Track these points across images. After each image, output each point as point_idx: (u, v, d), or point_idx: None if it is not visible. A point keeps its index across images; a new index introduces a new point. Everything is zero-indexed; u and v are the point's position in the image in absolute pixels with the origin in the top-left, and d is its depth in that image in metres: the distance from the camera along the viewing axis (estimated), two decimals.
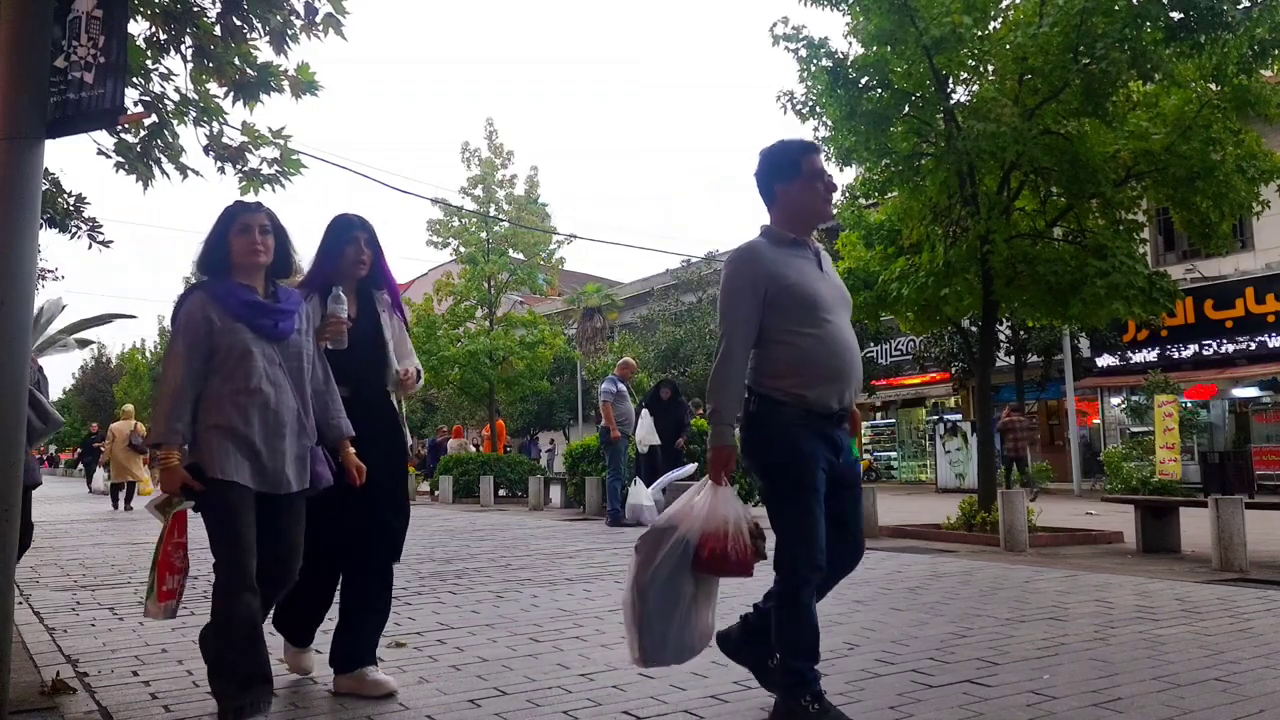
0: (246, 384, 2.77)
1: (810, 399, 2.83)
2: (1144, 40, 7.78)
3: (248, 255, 2.88)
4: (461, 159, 20.74)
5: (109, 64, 2.95)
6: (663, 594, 2.80)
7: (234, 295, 2.83)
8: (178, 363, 2.74)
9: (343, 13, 4.26)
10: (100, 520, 12.52)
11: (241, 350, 2.77)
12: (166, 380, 2.74)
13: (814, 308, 2.84)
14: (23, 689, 3.21)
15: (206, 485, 2.71)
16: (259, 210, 2.97)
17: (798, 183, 2.93)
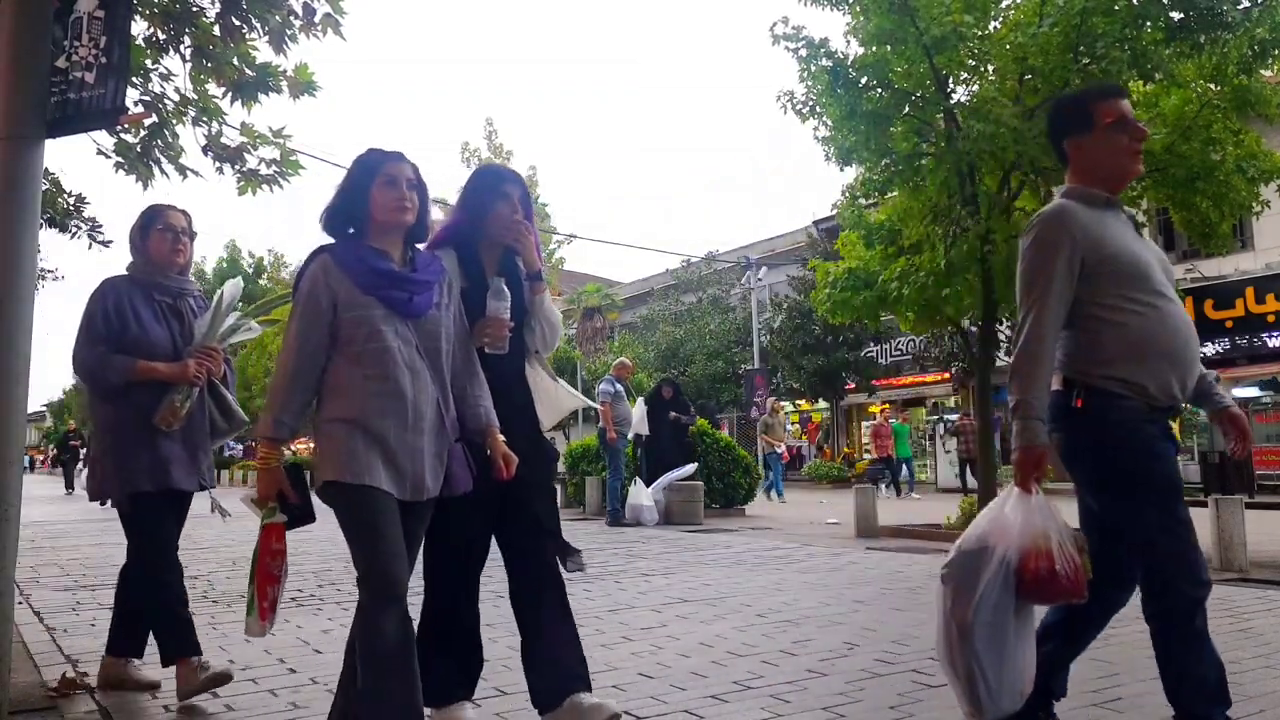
0: (378, 370, 2.32)
1: (1152, 389, 2.37)
2: (1144, 40, 7.78)
3: (394, 213, 2.41)
4: (461, 159, 20.77)
5: (110, 64, 2.95)
6: (991, 631, 2.31)
7: (364, 262, 2.37)
8: (292, 344, 2.35)
9: (341, 13, 4.27)
10: (100, 520, 12.51)
11: (371, 329, 2.33)
12: (280, 364, 2.35)
13: (1145, 278, 2.40)
14: (23, 689, 3.21)
15: (332, 491, 2.29)
16: (404, 159, 2.49)
17: (1092, 135, 2.50)
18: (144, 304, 3.25)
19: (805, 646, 3.83)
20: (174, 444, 3.18)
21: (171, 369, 3.17)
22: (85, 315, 3.19)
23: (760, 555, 7.23)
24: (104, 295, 3.21)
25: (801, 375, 25.56)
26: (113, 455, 3.14)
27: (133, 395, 3.14)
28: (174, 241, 3.32)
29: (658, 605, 4.88)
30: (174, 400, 3.15)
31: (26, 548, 8.02)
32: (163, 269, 3.33)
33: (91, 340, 3.14)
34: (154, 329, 3.22)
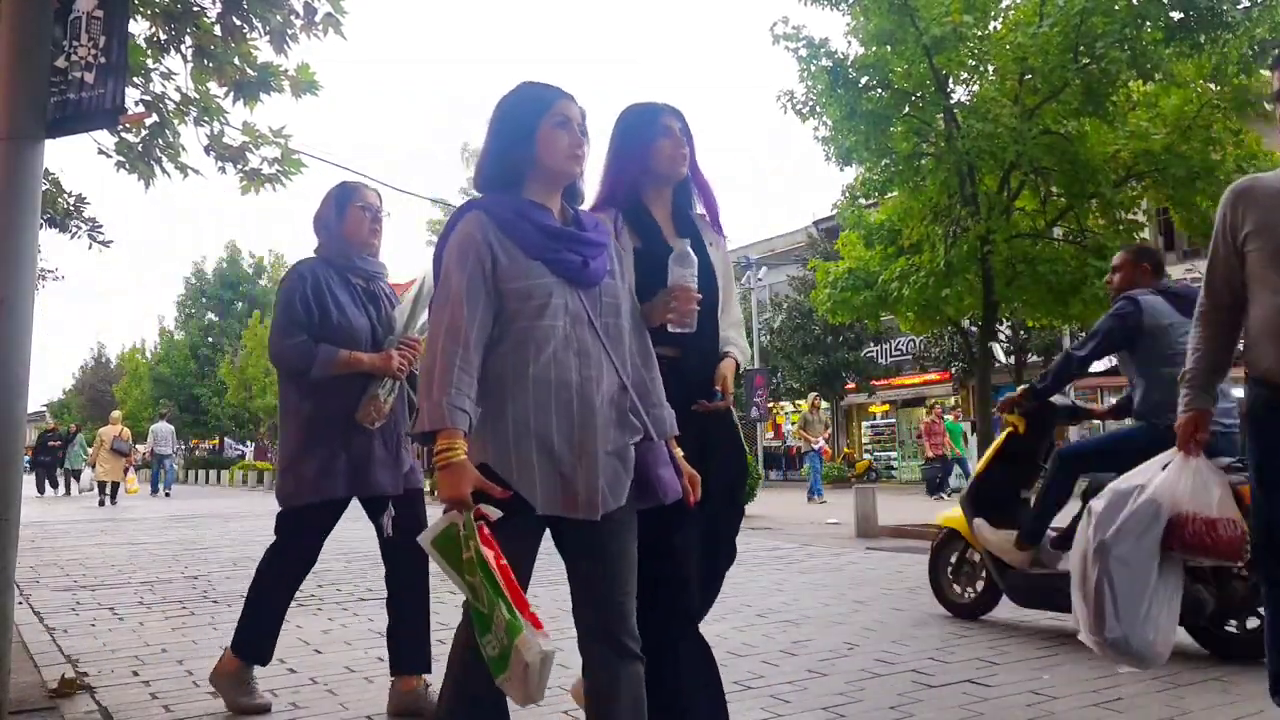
0: (545, 353, 1.84)
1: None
2: (1144, 40, 7.79)
3: (567, 160, 1.95)
4: (461, 159, 20.76)
5: (109, 64, 2.95)
6: (1127, 565, 2.35)
7: (528, 218, 1.90)
8: (454, 308, 1.82)
9: (342, 12, 4.27)
10: (100, 520, 12.52)
11: (541, 301, 1.86)
12: (435, 336, 1.84)
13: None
14: (23, 689, 3.21)
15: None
16: (574, 97, 2.03)
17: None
18: (341, 288, 2.99)
19: (805, 646, 3.83)
20: (375, 443, 2.91)
21: (375, 360, 2.91)
22: (282, 300, 2.92)
23: (760, 555, 7.22)
24: (301, 278, 2.94)
25: (801, 375, 25.56)
26: (312, 455, 2.86)
27: (332, 389, 2.87)
28: (372, 220, 3.06)
29: None
30: (377, 394, 2.89)
31: (26, 548, 8.02)
32: (359, 250, 3.05)
33: (291, 328, 2.88)
34: (355, 316, 2.97)
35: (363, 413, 2.88)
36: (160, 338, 45.23)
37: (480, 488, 1.77)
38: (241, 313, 40.43)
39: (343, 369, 2.87)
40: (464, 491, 1.74)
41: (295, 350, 2.86)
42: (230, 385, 35.55)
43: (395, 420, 2.98)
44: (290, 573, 3.05)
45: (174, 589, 5.67)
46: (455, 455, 1.76)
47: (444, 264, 1.90)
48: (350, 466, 2.88)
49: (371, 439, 2.90)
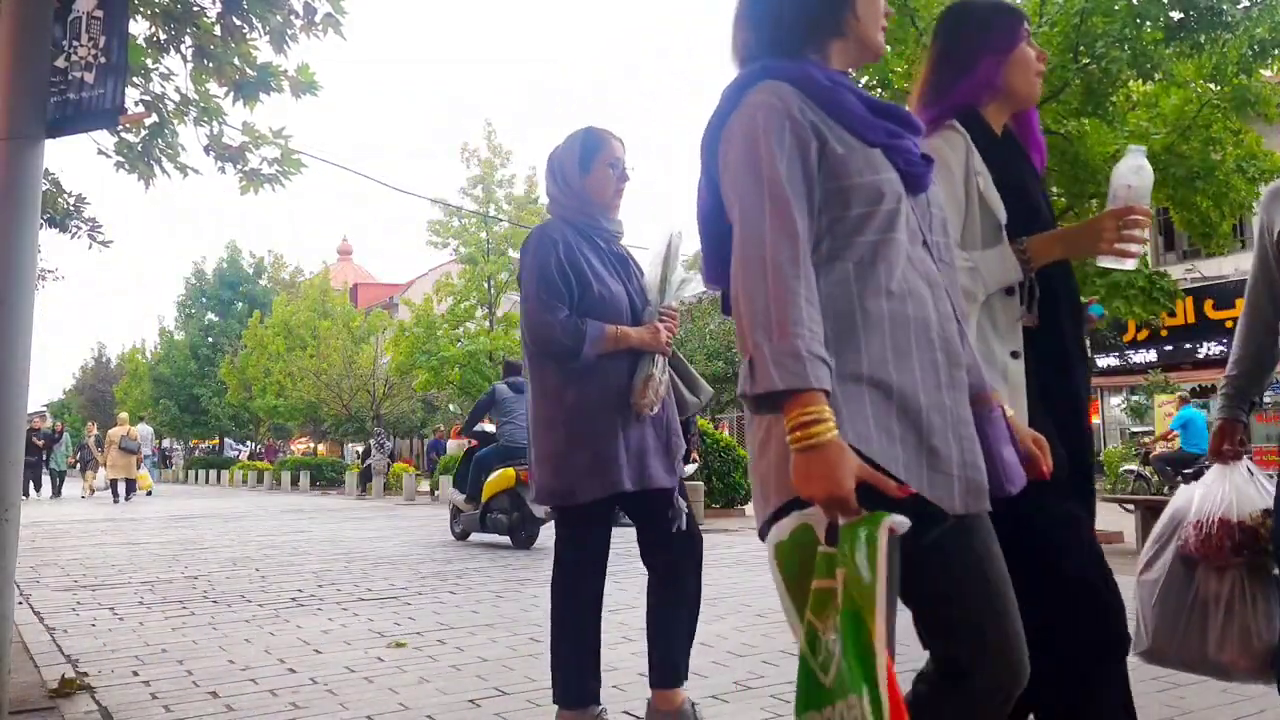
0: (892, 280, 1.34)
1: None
2: (1144, 40, 7.79)
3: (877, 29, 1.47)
4: (461, 159, 20.77)
5: (109, 64, 2.95)
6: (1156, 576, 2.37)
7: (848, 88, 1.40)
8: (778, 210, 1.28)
9: (341, 13, 4.27)
10: (100, 520, 12.52)
11: (891, 206, 1.35)
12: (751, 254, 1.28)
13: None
14: (23, 689, 3.21)
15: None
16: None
17: None
18: (593, 253, 2.63)
19: None
20: (647, 430, 2.56)
21: (643, 335, 2.57)
22: (534, 271, 2.55)
23: (761, 555, 7.21)
24: (551, 244, 2.56)
25: None
26: (583, 446, 2.49)
27: (596, 370, 2.51)
28: (618, 178, 2.68)
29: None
30: (652, 373, 2.54)
31: (26, 548, 8.02)
32: (604, 211, 2.69)
33: (551, 302, 2.50)
34: (613, 285, 2.61)
35: (640, 396, 2.51)
36: (160, 338, 45.22)
37: (868, 481, 1.21)
38: (241, 313, 40.42)
39: (611, 347, 2.50)
40: (846, 486, 1.19)
41: (563, 328, 2.47)
42: (230, 385, 35.56)
43: (666, 403, 2.64)
44: (587, 588, 2.68)
45: (174, 589, 5.67)
46: (824, 431, 1.20)
47: (738, 148, 1.34)
48: (629, 458, 2.51)
49: (645, 425, 2.55)
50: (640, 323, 2.60)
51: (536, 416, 2.60)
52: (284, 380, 30.20)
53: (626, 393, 2.53)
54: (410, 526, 10.86)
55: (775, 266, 1.26)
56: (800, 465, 1.21)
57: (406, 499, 18.19)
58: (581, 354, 2.47)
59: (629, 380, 2.53)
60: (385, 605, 4.95)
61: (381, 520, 12.06)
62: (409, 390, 26.57)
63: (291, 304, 33.13)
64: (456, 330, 21.34)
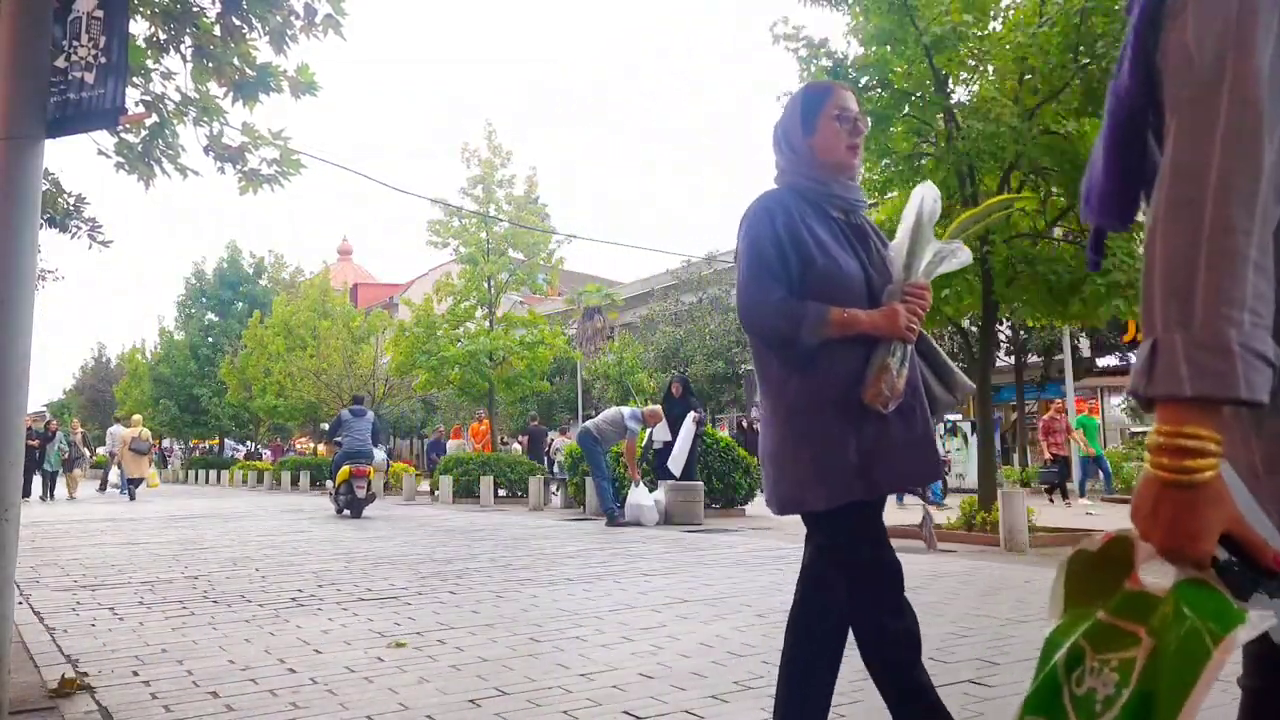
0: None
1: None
2: None
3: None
4: (461, 159, 20.76)
5: (109, 64, 2.95)
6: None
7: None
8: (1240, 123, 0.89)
9: (341, 13, 4.27)
10: (100, 520, 12.52)
11: None
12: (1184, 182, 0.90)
13: None
14: (23, 689, 3.21)
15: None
16: None
17: None
18: (821, 224, 2.28)
19: None
20: (887, 429, 2.18)
21: (877, 319, 2.19)
22: (749, 245, 2.23)
23: (760, 555, 7.23)
24: (770, 215, 2.24)
25: None
26: (809, 447, 2.17)
27: (827, 359, 2.17)
28: (851, 133, 2.32)
29: (658, 605, 4.88)
30: (887, 364, 2.17)
31: (26, 548, 8.02)
32: (834, 173, 2.33)
33: (768, 281, 2.18)
34: (844, 260, 2.25)
35: (872, 391, 2.16)
36: (160, 338, 45.23)
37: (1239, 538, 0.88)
38: (241, 313, 40.43)
39: (837, 332, 2.16)
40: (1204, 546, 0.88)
41: (778, 311, 2.16)
42: (230, 385, 35.57)
43: (914, 395, 2.24)
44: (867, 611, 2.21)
45: (174, 589, 5.67)
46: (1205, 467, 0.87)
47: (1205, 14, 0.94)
48: (862, 458, 2.15)
49: (884, 423, 2.19)
50: (879, 304, 2.23)
51: (763, 411, 2.28)
52: (284, 380, 30.20)
53: (857, 385, 2.16)
54: (410, 526, 10.86)
55: (1219, 213, 0.87)
56: (1155, 498, 0.90)
57: (406, 499, 18.18)
58: (798, 341, 2.14)
59: (862, 371, 2.18)
60: (385, 605, 4.95)
61: (381, 520, 12.06)
62: (409, 390, 26.57)
63: (291, 304, 33.12)
64: (456, 330, 21.33)
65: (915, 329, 2.23)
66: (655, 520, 10.67)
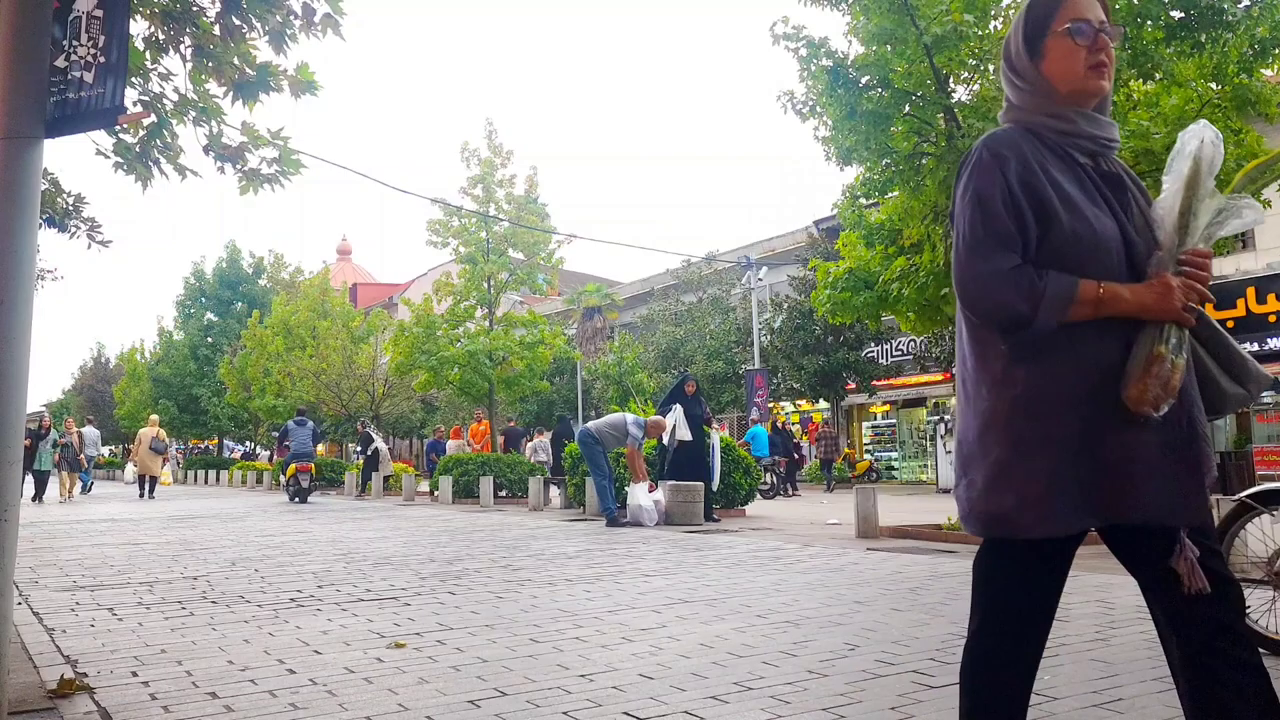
0: None
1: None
2: (1144, 39, 7.79)
3: None
4: (461, 159, 20.74)
5: (109, 64, 2.95)
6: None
7: None
8: None
9: (340, 13, 4.27)
10: (100, 520, 12.52)
11: None
12: None
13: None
14: (23, 689, 3.20)
15: None
16: None
17: None
18: (1065, 173, 1.80)
19: (805, 647, 3.83)
20: (1142, 437, 1.71)
21: (1145, 296, 1.71)
22: (972, 203, 1.78)
23: (760, 556, 7.22)
24: (998, 163, 1.77)
25: (802, 375, 25.59)
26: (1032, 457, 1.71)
27: (1070, 346, 1.73)
28: (1092, 48, 1.81)
29: (658, 606, 4.88)
30: (1157, 353, 1.69)
31: (26, 548, 8.02)
32: (1078, 102, 1.84)
33: (994, 246, 1.73)
34: (1096, 217, 1.76)
35: (1137, 388, 1.69)
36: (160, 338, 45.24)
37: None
38: (241, 313, 40.44)
39: (1090, 312, 1.71)
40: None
41: (1008, 283, 1.71)
42: (230, 385, 35.58)
43: (1186, 399, 1.75)
44: (1024, 653, 1.80)
45: (174, 589, 5.67)
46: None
47: None
48: (1103, 477, 1.71)
49: (1143, 432, 1.71)
50: (1143, 276, 1.75)
51: (975, 407, 1.82)
52: (283, 380, 30.20)
53: (1114, 381, 1.71)
54: (410, 527, 10.86)
55: None
56: None
57: (406, 499, 18.18)
58: (1035, 321, 1.70)
59: (1121, 362, 1.71)
60: (385, 606, 4.94)
61: (381, 520, 12.06)
62: (408, 390, 26.57)
63: (291, 304, 33.13)
64: (456, 330, 21.32)
65: (1194, 309, 1.73)
66: (655, 521, 10.67)
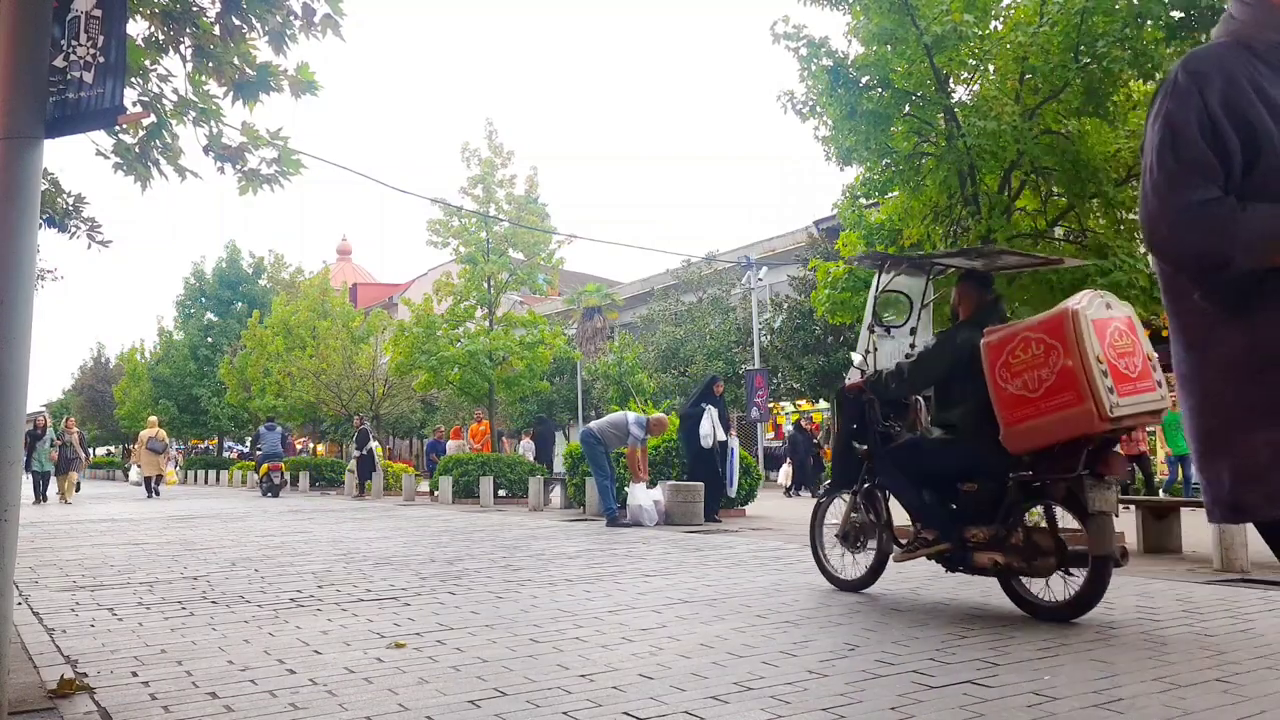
0: None
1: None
2: (1145, 39, 7.79)
3: None
4: (461, 159, 20.75)
5: (108, 64, 2.95)
6: None
7: None
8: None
9: (340, 13, 4.27)
10: (100, 520, 12.52)
11: None
12: None
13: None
14: (22, 689, 3.20)
15: None
16: None
17: None
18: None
19: (805, 647, 3.83)
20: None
21: None
22: (1163, 128, 1.55)
23: (761, 556, 7.22)
24: (1198, 83, 1.53)
25: (802, 375, 25.58)
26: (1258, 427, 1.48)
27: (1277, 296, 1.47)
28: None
29: (658, 606, 4.88)
30: None
31: (26, 548, 8.02)
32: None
33: (1187, 176, 1.50)
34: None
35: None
36: (160, 338, 45.24)
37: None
38: (241, 313, 40.45)
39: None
40: None
41: (1200, 219, 1.48)
42: (230, 385, 35.57)
43: None
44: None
45: (174, 589, 5.67)
46: None
47: None
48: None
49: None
50: None
51: (1178, 373, 1.63)
52: (283, 380, 30.20)
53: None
54: (410, 527, 10.86)
55: None
56: None
57: (406, 499, 18.19)
58: (1236, 262, 1.45)
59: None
60: (385, 606, 4.94)
61: (381, 520, 12.06)
62: (408, 390, 26.56)
63: (291, 304, 33.13)
64: (456, 330, 21.33)
65: None
66: (655, 521, 10.67)
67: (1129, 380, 4.09)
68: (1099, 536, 4.17)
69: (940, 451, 4.76)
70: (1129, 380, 4.09)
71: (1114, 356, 4.09)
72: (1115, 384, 4.03)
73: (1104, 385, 4.00)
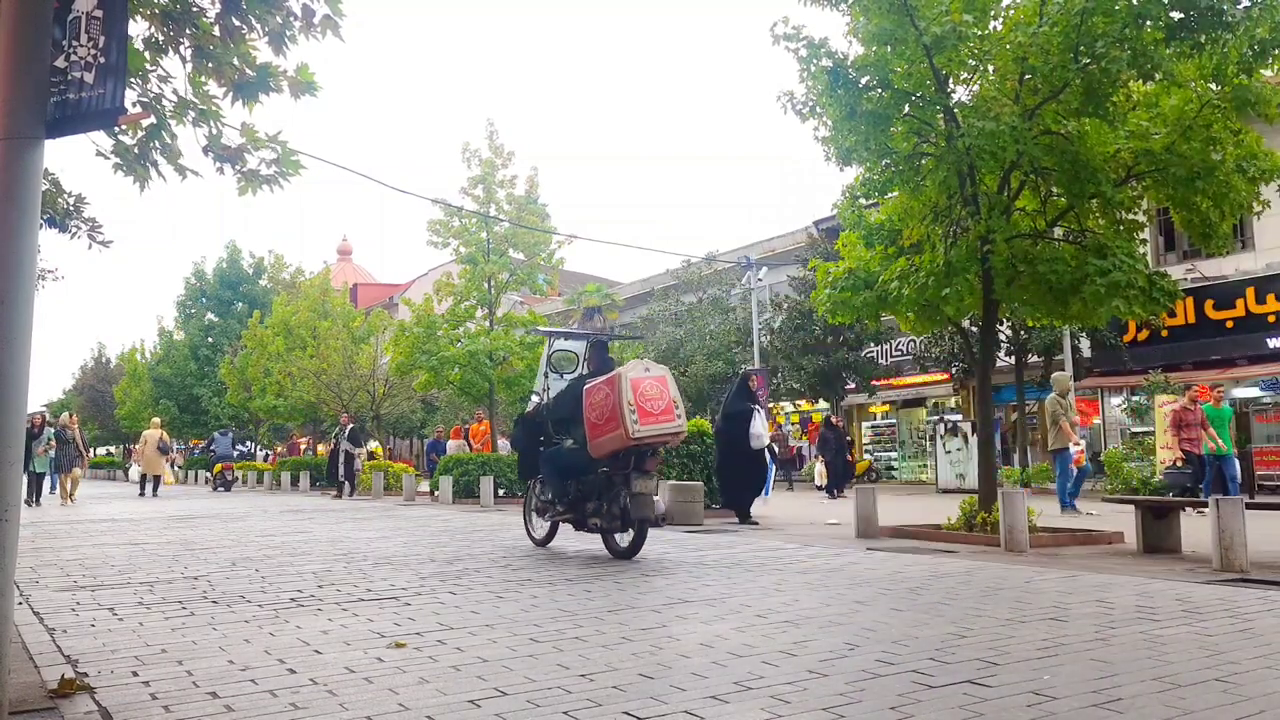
0: None
1: None
2: (1144, 40, 7.78)
3: None
4: (462, 159, 20.74)
5: (108, 64, 2.95)
6: None
7: None
8: None
9: (340, 14, 4.27)
10: (100, 520, 12.52)
11: None
12: None
13: None
14: (23, 689, 3.21)
15: None
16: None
17: None
18: None
19: (805, 647, 3.83)
20: None
21: None
22: None
23: (760, 556, 7.22)
24: None
25: (802, 375, 25.59)
26: None
27: None
28: None
29: (658, 605, 4.88)
30: None
31: (27, 548, 8.02)
32: None
33: None
34: None
35: None
36: (160, 338, 45.24)
37: None
38: (242, 313, 40.46)
39: None
40: None
41: None
42: (230, 385, 35.57)
43: None
44: None
45: (174, 589, 5.67)
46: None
47: None
48: None
49: None
50: None
51: None
52: (284, 380, 30.20)
53: None
54: (410, 527, 10.86)
55: None
56: None
57: (406, 499, 18.19)
58: None
59: None
60: (385, 606, 4.95)
61: (381, 520, 12.06)
62: (409, 390, 26.57)
63: (291, 304, 33.13)
64: (456, 330, 21.33)
65: None
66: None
67: (651, 415, 6.59)
68: (639, 508, 6.77)
69: (569, 455, 7.36)
70: (651, 415, 6.59)
71: (641, 400, 6.58)
72: (640, 417, 6.54)
73: (630, 417, 6.51)
